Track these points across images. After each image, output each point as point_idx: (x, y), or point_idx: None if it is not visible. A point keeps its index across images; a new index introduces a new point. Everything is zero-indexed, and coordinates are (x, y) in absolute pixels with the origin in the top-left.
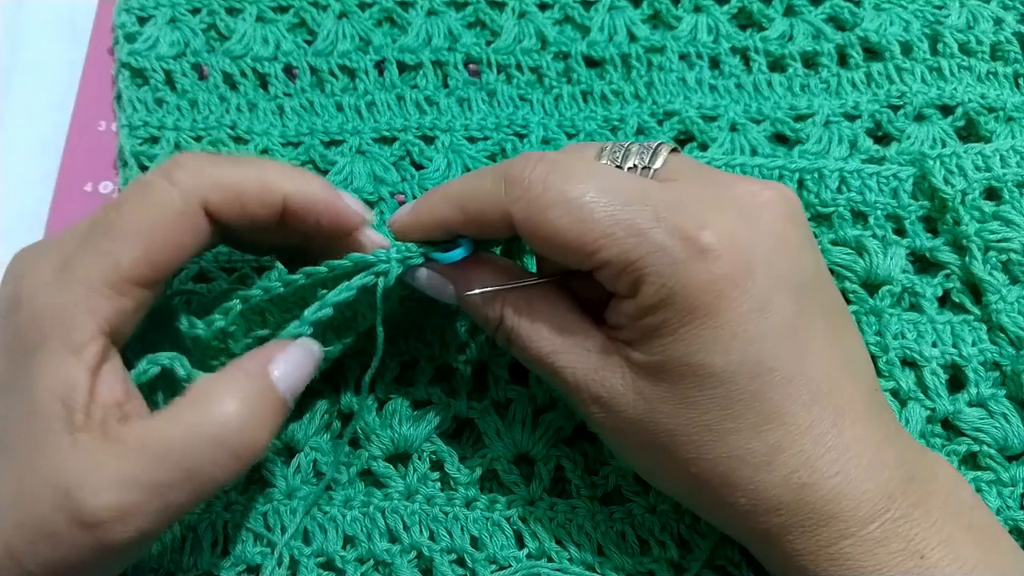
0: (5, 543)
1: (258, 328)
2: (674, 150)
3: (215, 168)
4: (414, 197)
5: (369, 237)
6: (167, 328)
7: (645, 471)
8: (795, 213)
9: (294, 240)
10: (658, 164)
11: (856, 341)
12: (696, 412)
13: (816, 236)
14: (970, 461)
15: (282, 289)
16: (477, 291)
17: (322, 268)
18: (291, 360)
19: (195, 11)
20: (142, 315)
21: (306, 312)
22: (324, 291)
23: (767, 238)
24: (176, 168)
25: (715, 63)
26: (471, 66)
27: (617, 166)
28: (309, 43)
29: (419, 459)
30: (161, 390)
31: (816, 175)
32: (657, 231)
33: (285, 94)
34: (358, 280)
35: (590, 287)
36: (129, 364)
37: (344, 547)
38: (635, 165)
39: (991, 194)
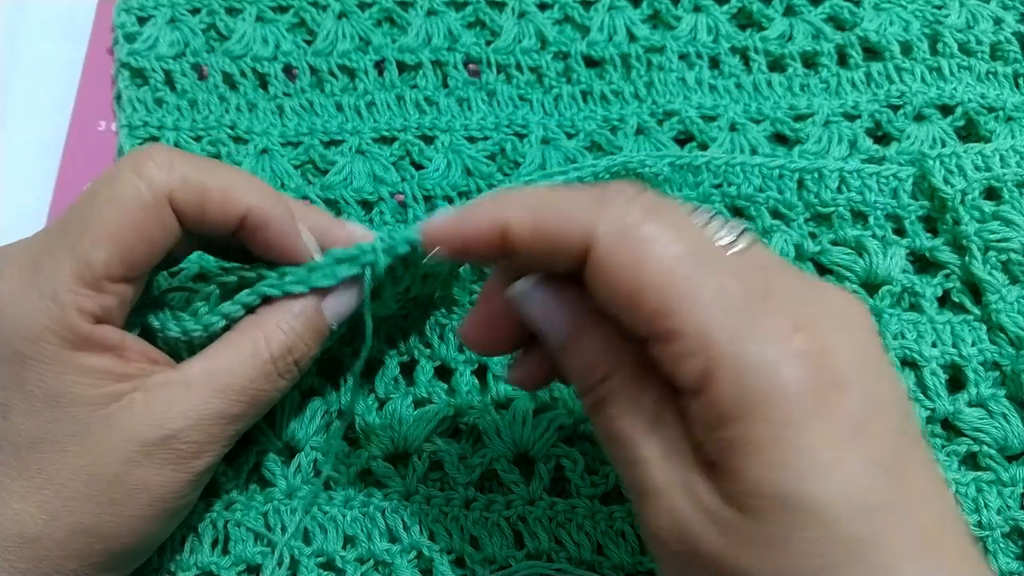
0: (80, 524)
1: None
2: (756, 241)
3: (185, 165)
4: (413, 197)
5: (353, 230)
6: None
7: None
8: (878, 333)
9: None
10: (740, 246)
11: (944, 479)
12: (788, 559)
13: (816, 236)
14: (970, 461)
15: (256, 279)
16: None
17: (300, 269)
18: (337, 292)
19: (195, 11)
20: (129, 307)
21: (285, 280)
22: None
23: (861, 354)
24: (146, 160)
25: (715, 63)
26: (471, 66)
27: None
28: (309, 43)
29: (419, 459)
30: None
31: (816, 175)
32: (743, 316)
33: (285, 94)
34: (343, 269)
35: None
36: None
37: (344, 547)
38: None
39: (991, 194)
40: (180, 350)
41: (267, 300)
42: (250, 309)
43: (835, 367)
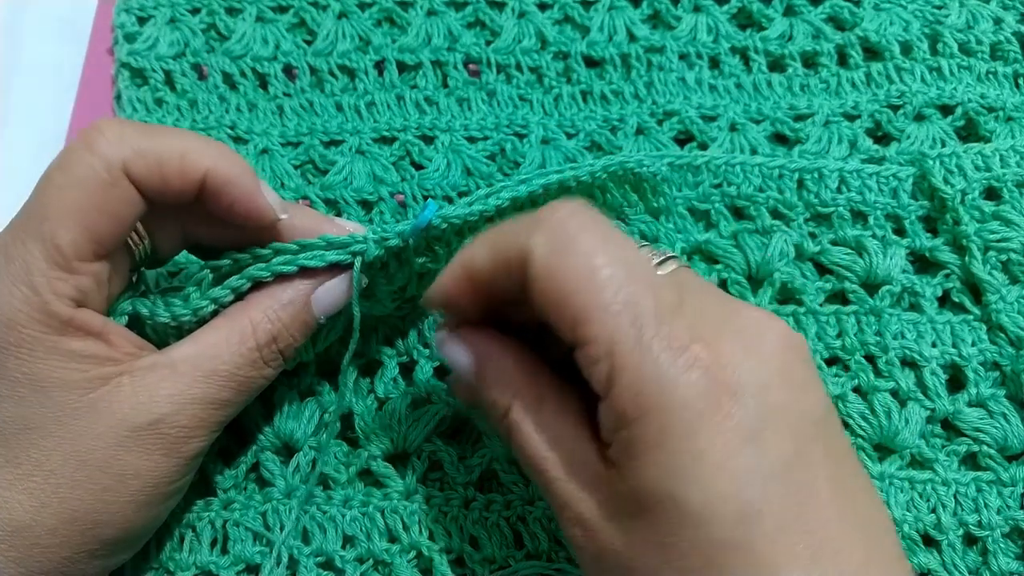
0: (71, 512)
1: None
2: (684, 266)
3: (137, 135)
4: (413, 197)
5: (342, 225)
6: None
7: None
8: (801, 349)
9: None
10: (663, 271)
11: (872, 499)
12: (675, 560)
13: (816, 236)
14: (970, 461)
15: (251, 260)
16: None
17: (291, 245)
18: (326, 287)
19: (195, 11)
20: (107, 288)
21: (273, 261)
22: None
23: (766, 366)
24: (97, 135)
25: (715, 63)
26: (471, 66)
27: None
28: (309, 43)
29: (418, 459)
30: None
31: (816, 175)
32: (649, 326)
33: (285, 94)
34: (332, 255)
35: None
36: None
37: (343, 547)
38: None
39: (991, 194)
40: (169, 336)
41: (257, 286)
42: (240, 295)
43: (731, 376)
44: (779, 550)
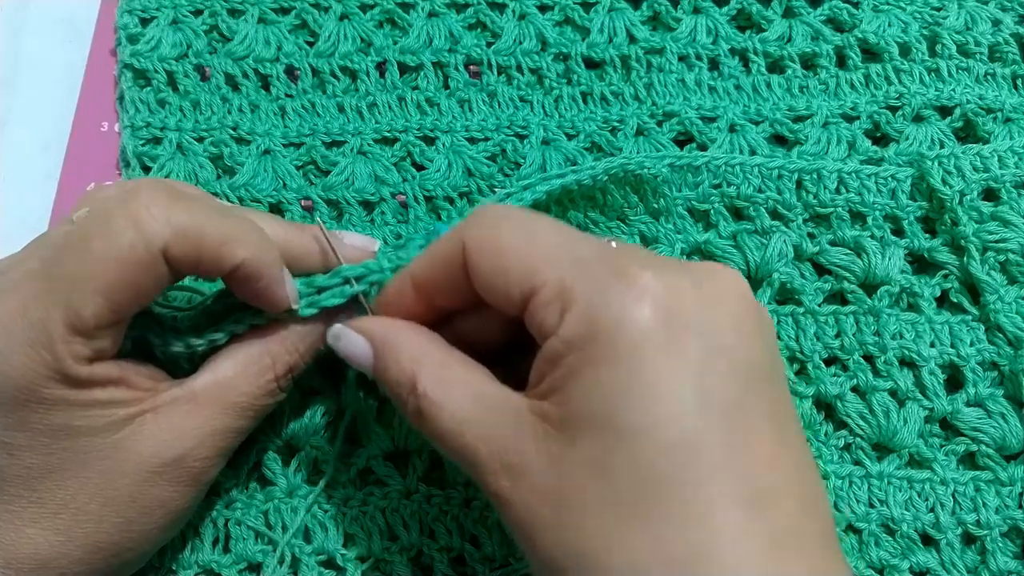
0: (97, 544)
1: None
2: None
3: (182, 216)
4: (415, 198)
5: (352, 241)
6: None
7: (550, 566)
8: (752, 302)
9: None
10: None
11: (810, 465)
12: (608, 484)
13: (815, 237)
14: (968, 461)
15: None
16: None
17: (311, 290)
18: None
19: (197, 12)
20: (120, 340)
21: (300, 304)
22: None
23: (716, 308)
24: (145, 213)
25: (714, 64)
26: (472, 67)
27: None
28: (311, 44)
29: (419, 458)
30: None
31: (815, 176)
32: (597, 263)
33: (287, 95)
34: (351, 290)
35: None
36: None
37: (344, 545)
38: None
39: (989, 195)
40: (180, 358)
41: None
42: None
43: (682, 308)
44: (715, 489)
